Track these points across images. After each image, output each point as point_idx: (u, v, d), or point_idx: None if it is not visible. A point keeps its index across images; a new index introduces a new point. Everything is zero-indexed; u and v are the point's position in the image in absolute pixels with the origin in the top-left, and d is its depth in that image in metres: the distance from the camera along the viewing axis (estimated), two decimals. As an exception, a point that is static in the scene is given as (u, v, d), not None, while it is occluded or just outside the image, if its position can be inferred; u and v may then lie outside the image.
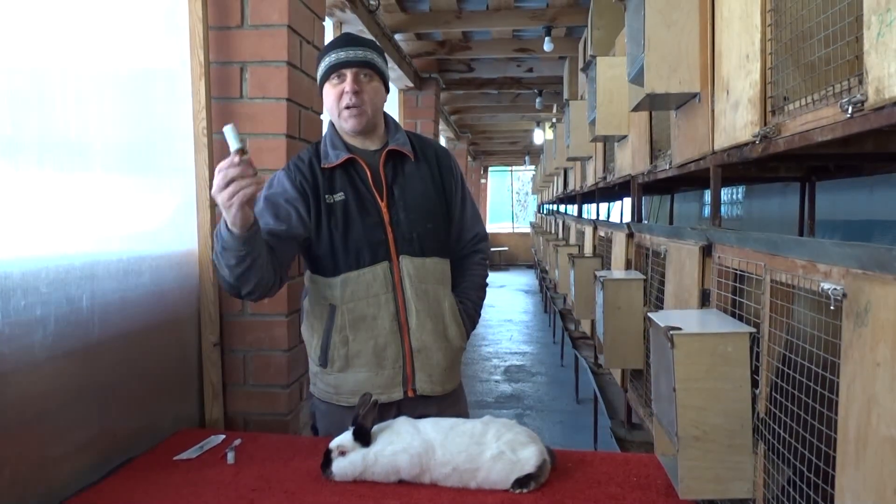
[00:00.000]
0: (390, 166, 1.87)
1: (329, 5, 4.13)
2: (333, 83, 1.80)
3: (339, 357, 1.83)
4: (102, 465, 1.75)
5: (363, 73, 1.80)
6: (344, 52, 1.78)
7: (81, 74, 1.75)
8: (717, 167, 1.82)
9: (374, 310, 1.81)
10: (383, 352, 1.81)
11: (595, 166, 4.41)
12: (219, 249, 1.63)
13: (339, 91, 1.80)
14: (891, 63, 0.95)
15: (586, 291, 3.38)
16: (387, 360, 1.82)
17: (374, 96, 1.83)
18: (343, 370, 1.84)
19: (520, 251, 19.02)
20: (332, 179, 1.84)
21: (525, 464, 1.53)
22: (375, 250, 1.80)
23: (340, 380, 1.85)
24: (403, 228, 1.82)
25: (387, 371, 1.82)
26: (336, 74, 1.79)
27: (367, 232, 1.79)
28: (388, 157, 1.86)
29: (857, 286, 0.99)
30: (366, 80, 1.81)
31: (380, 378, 1.82)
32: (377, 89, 1.84)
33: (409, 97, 7.30)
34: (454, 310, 1.89)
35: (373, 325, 1.81)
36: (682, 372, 1.35)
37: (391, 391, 1.81)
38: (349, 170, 1.85)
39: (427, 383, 1.84)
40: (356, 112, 1.80)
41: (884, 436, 0.90)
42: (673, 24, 1.85)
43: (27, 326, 1.52)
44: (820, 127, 1.22)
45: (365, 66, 1.79)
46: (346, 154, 1.83)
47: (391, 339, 1.81)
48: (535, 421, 5.17)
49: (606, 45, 3.65)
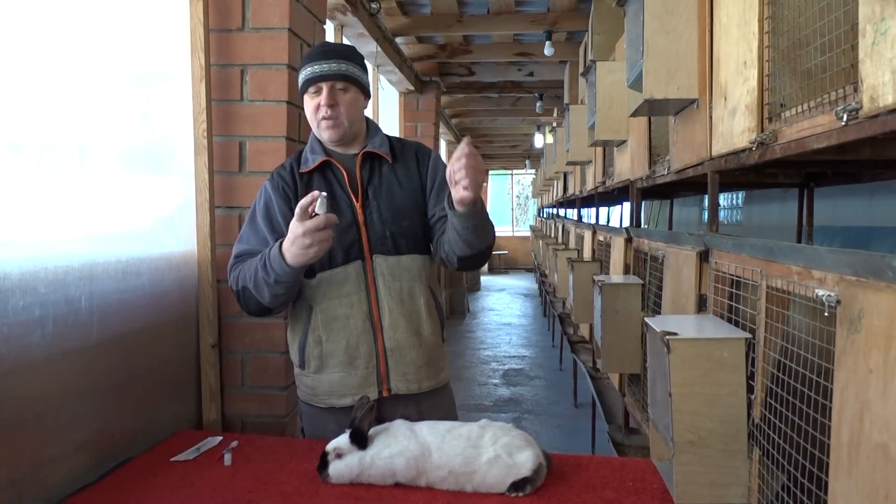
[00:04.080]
0: (366, 168, 1.89)
1: (330, 8, 4.14)
2: (311, 94, 1.84)
3: (314, 357, 1.85)
4: (100, 465, 1.76)
5: (339, 86, 1.83)
6: (318, 66, 1.81)
7: (82, 75, 1.75)
8: (714, 173, 1.83)
9: (347, 309, 1.83)
10: (355, 351, 1.82)
11: (595, 171, 4.41)
12: (267, 279, 1.72)
13: (316, 103, 1.84)
14: (885, 72, 0.96)
15: (585, 295, 3.38)
16: (359, 360, 1.83)
17: (350, 107, 1.85)
18: (318, 371, 1.86)
19: (519, 255, 19.03)
20: (309, 184, 1.88)
21: (521, 467, 1.53)
22: (348, 250, 1.82)
23: (317, 381, 1.87)
24: (377, 228, 1.83)
25: (360, 371, 1.83)
26: (314, 87, 1.82)
27: (340, 232, 1.81)
28: (365, 159, 1.89)
29: (850, 293, 0.99)
30: (341, 92, 1.83)
31: (353, 378, 1.83)
32: (353, 100, 1.86)
33: (409, 100, 7.31)
34: (430, 306, 1.90)
35: (346, 324, 1.83)
36: (678, 377, 1.35)
37: (365, 391, 1.81)
38: (326, 173, 1.89)
39: (402, 382, 1.85)
40: (332, 123, 1.83)
41: (876, 442, 0.90)
42: (672, 30, 1.85)
43: (26, 327, 1.52)
44: (816, 134, 1.22)
45: (340, 78, 1.82)
46: (322, 157, 1.87)
47: (363, 339, 1.82)
48: (533, 424, 5.17)
49: (607, 50, 3.67)
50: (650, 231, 2.55)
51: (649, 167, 2.64)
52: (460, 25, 5.65)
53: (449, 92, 8.15)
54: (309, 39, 2.54)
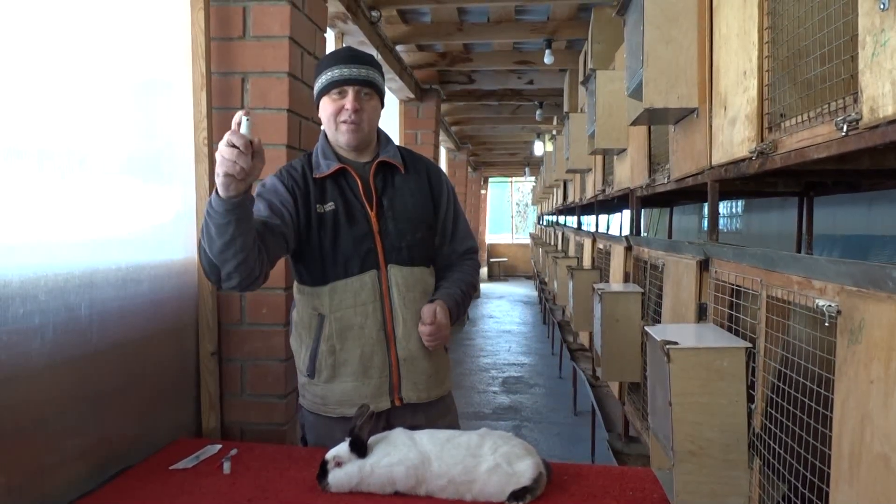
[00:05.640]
0: (380, 177, 1.89)
1: (331, 17, 4.15)
2: (333, 97, 1.82)
3: (327, 367, 1.83)
4: (99, 473, 1.75)
5: (364, 92, 1.82)
6: (347, 70, 1.80)
7: (84, 83, 1.76)
8: (714, 182, 1.83)
9: (362, 318, 1.82)
10: (370, 361, 1.82)
11: (594, 179, 4.42)
12: (204, 225, 1.58)
13: (338, 106, 1.82)
14: (885, 83, 0.96)
15: (585, 303, 3.38)
16: (373, 370, 1.82)
17: (373, 114, 1.86)
18: (330, 380, 1.84)
19: (519, 262, 19.02)
20: (323, 189, 1.86)
21: (521, 476, 1.52)
22: (364, 259, 1.81)
23: (327, 390, 1.85)
24: (392, 238, 1.83)
25: (373, 380, 1.82)
26: (337, 90, 1.81)
27: (356, 241, 1.80)
28: (379, 168, 1.89)
29: (851, 303, 0.99)
30: (366, 98, 1.83)
31: (366, 388, 1.82)
32: (375, 107, 1.87)
33: (409, 108, 7.32)
34: None
35: (360, 333, 1.82)
36: (679, 386, 1.35)
37: (378, 401, 1.81)
38: (340, 180, 1.87)
39: (413, 391, 1.84)
40: (354, 128, 1.82)
41: (877, 452, 0.90)
42: (672, 40, 1.86)
43: (26, 334, 1.52)
44: (816, 144, 1.23)
45: (366, 84, 1.82)
46: (336, 164, 1.85)
47: (377, 349, 1.82)
48: (533, 433, 5.15)
49: (606, 59, 3.68)
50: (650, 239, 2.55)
51: (649, 176, 2.65)
52: (460, 34, 5.66)
53: (449, 100, 8.16)
54: (310, 48, 2.55)
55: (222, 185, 1.48)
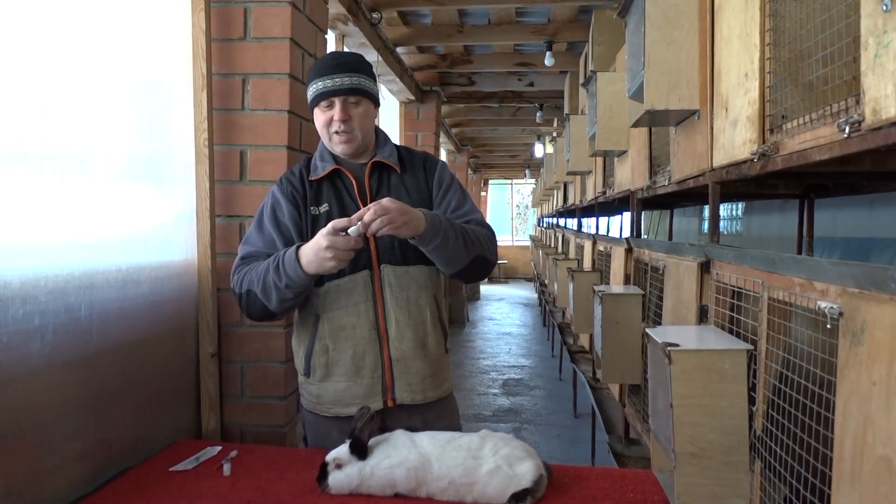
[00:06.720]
0: (375, 177, 1.90)
1: (331, 18, 4.15)
2: (322, 108, 1.83)
3: (320, 366, 1.85)
4: (98, 475, 1.75)
5: (351, 101, 1.82)
6: (331, 81, 1.80)
7: (84, 84, 1.76)
8: (715, 184, 1.83)
9: (354, 318, 1.82)
10: (361, 360, 1.82)
11: (595, 181, 4.42)
12: (278, 283, 1.72)
13: (328, 117, 1.83)
14: (887, 84, 0.96)
15: (585, 305, 3.38)
16: (365, 370, 1.82)
17: (363, 120, 1.85)
18: (324, 379, 1.85)
19: (519, 264, 19.02)
20: (318, 191, 1.88)
21: (522, 478, 1.52)
22: (356, 259, 1.81)
23: (322, 389, 1.86)
24: (385, 237, 1.83)
25: (365, 380, 1.82)
26: (325, 102, 1.82)
27: None
28: (374, 168, 1.90)
29: (853, 305, 0.99)
30: (354, 106, 1.83)
31: (358, 387, 1.83)
32: (365, 112, 1.86)
33: (410, 110, 7.33)
34: (435, 317, 1.90)
35: (352, 333, 1.82)
36: (680, 388, 1.35)
37: (370, 401, 1.81)
38: (335, 181, 1.89)
39: (407, 392, 1.84)
40: (346, 138, 1.83)
41: (879, 455, 0.90)
42: (673, 41, 1.86)
43: (25, 335, 1.52)
44: (818, 146, 1.22)
45: (352, 92, 1.81)
46: (332, 165, 1.87)
47: (370, 349, 1.82)
48: (533, 435, 5.15)
49: (607, 61, 3.68)
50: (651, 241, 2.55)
51: (650, 178, 2.65)
52: (461, 35, 5.67)
53: (449, 101, 8.16)
54: (311, 49, 2.55)
55: (323, 269, 1.68)
